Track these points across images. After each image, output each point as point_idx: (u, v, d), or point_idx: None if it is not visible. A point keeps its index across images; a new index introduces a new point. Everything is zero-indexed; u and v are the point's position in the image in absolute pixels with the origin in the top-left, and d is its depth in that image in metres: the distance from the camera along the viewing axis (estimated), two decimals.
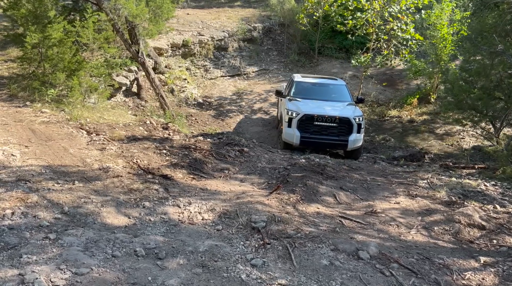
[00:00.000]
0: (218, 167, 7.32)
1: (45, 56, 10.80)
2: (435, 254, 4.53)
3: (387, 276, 3.97)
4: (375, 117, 16.98)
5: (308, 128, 10.37)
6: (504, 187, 7.65)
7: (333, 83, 13.47)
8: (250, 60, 19.83)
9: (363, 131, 11.18)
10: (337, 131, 10.49)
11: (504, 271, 4.28)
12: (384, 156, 13.08)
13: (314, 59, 20.82)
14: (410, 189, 6.80)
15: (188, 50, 17.99)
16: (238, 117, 15.84)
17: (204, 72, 18.44)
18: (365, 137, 15.38)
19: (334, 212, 5.60)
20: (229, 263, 3.81)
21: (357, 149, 11.09)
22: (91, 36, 11.61)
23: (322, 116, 10.37)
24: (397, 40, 16.51)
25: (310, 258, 4.12)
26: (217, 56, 19.02)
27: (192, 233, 4.49)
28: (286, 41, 21.19)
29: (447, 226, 5.29)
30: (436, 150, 13.95)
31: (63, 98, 10.05)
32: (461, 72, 11.11)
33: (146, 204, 5.09)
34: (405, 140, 15.10)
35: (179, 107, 15.31)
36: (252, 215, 4.93)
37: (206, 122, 14.86)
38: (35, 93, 10.00)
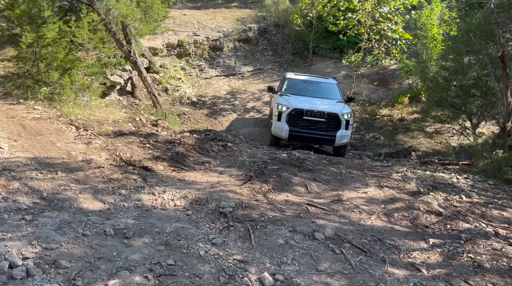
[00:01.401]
0: (199, 161, 7.64)
1: (39, 55, 11.14)
2: (388, 236, 4.84)
3: (337, 254, 4.28)
4: (367, 116, 17.26)
5: (297, 123, 10.62)
6: (475, 180, 7.92)
7: (324, 81, 13.81)
8: (245, 60, 20.15)
9: (351, 127, 11.47)
10: (325, 127, 10.75)
11: (450, 251, 4.57)
12: (371, 153, 13.39)
13: (308, 59, 21.15)
14: (382, 181, 7.09)
15: (183, 50, 18.31)
16: (231, 115, 16.16)
17: (199, 71, 18.76)
18: (356, 135, 15.71)
19: (302, 200, 5.90)
20: (191, 242, 4.12)
21: (344, 145, 11.34)
22: (86, 36, 11.96)
23: (311, 111, 10.63)
24: (387, 40, 16.80)
25: (268, 238, 4.43)
26: (212, 56, 19.35)
27: (162, 217, 4.80)
28: (281, 41, 21.51)
29: (406, 213, 5.60)
30: (424, 148, 14.23)
31: (55, 96, 10.37)
32: (441, 70, 11.37)
33: (122, 192, 5.42)
34: (394, 138, 15.38)
35: (172, 106, 15.64)
36: (222, 202, 5.25)
37: (199, 120, 15.18)
38: (28, 91, 10.33)
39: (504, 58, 8.30)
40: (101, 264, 3.58)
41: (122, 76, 14.66)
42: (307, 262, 4.07)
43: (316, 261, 4.11)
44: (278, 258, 4.07)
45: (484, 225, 5.38)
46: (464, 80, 10.31)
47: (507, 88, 8.44)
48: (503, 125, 8.69)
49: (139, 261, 3.68)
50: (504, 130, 8.68)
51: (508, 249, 4.64)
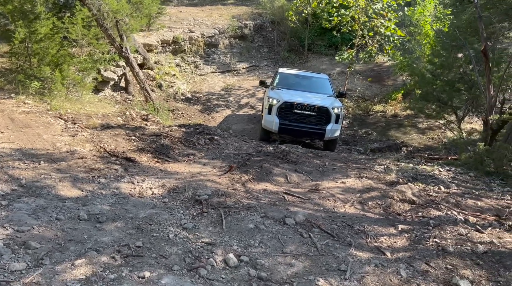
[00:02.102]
0: (184, 153, 7.76)
1: (31, 51, 11.27)
2: (358, 222, 4.95)
3: (305, 238, 4.39)
4: (360, 112, 17.36)
5: (288, 116, 10.69)
6: (457, 172, 8.03)
7: (316, 76, 13.85)
8: (240, 56, 20.27)
9: (341, 122, 11.50)
10: (315, 120, 10.81)
11: (417, 236, 4.68)
12: (361, 148, 13.50)
13: (303, 56, 21.25)
14: (363, 172, 7.19)
15: (179, 46, 18.44)
16: (225, 111, 16.27)
17: (194, 68, 18.87)
18: (348, 131, 15.82)
19: (280, 189, 6.01)
20: (162, 227, 4.24)
21: (334, 139, 11.40)
22: (80, 32, 12.12)
23: (301, 104, 10.70)
24: (380, 36, 16.90)
25: (240, 223, 4.55)
26: (208, 53, 19.47)
27: (138, 204, 4.93)
28: (276, 38, 21.61)
29: (380, 201, 5.71)
30: (416, 143, 14.34)
31: (46, 90, 10.50)
32: (429, 65, 11.47)
33: (102, 181, 5.54)
34: (387, 134, 15.49)
35: (166, 102, 15.75)
36: (199, 190, 5.37)
37: (192, 116, 15.29)
38: (19, 85, 10.46)
39: (487, 52, 8.39)
40: (71, 246, 3.70)
41: (116, 72, 14.78)
42: (274, 245, 4.19)
43: (283, 244, 4.22)
44: (246, 241, 4.19)
45: (455, 213, 5.48)
46: (450, 74, 10.39)
47: (489, 82, 8.53)
48: (486, 118, 8.78)
49: (109, 243, 3.81)
50: (486, 123, 8.77)
51: (473, 234, 4.75)
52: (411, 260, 4.09)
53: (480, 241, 4.58)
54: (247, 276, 3.58)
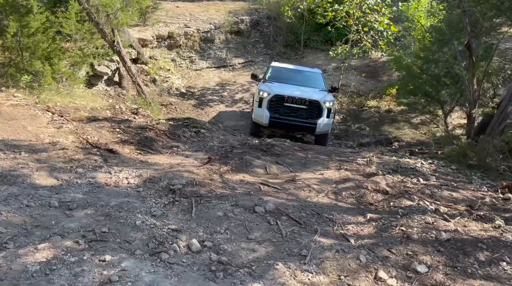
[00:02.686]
0: (168, 145, 7.85)
1: (23, 45, 11.37)
2: (328, 211, 5.03)
3: (272, 225, 4.47)
4: (354, 107, 17.41)
5: (278, 109, 10.63)
6: (439, 165, 8.09)
7: (308, 71, 13.80)
8: (236, 52, 20.32)
9: (333, 116, 11.42)
10: (306, 114, 10.73)
11: (384, 224, 4.76)
12: (352, 143, 13.57)
13: (299, 51, 21.30)
14: (343, 164, 7.26)
15: (174, 41, 18.50)
16: (218, 106, 16.35)
17: (189, 63, 18.94)
18: (341, 126, 15.88)
19: (257, 180, 6.09)
20: (131, 214, 4.32)
21: (325, 134, 11.31)
22: (73, 27, 12.21)
23: (292, 97, 10.64)
24: (374, 31, 16.93)
25: (209, 211, 4.63)
26: (204, 48, 19.52)
27: (112, 193, 5.02)
28: (273, 33, 21.66)
29: (354, 191, 5.79)
30: (408, 138, 14.39)
31: (36, 83, 10.60)
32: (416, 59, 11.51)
33: (79, 170, 5.63)
34: (380, 129, 15.55)
35: (160, 96, 15.84)
36: (174, 180, 5.45)
37: (185, 110, 15.37)
38: (9, 79, 10.57)
39: (471, 46, 8.43)
40: (37, 231, 3.80)
41: (110, 67, 14.86)
42: (240, 231, 4.27)
43: (249, 230, 4.31)
44: (212, 228, 4.27)
45: (428, 203, 5.55)
46: (436, 68, 10.44)
47: (473, 76, 8.57)
48: (469, 112, 8.83)
49: (75, 228, 3.90)
50: (470, 117, 8.82)
51: (440, 223, 4.82)
52: (373, 246, 4.17)
53: (445, 229, 4.65)
54: (208, 261, 3.67)
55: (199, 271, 3.50)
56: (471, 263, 4.01)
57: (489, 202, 5.96)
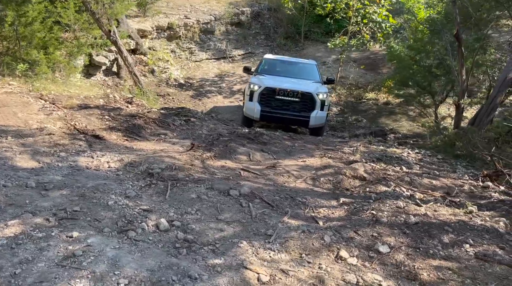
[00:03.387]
0: (156, 132, 7.95)
1: (20, 34, 11.51)
2: (302, 195, 5.12)
3: (243, 207, 4.57)
4: (352, 99, 17.42)
5: (269, 102, 10.34)
6: (425, 155, 8.14)
7: (302, 62, 13.54)
8: (237, 43, 20.37)
9: (327, 109, 11.10)
10: (299, 107, 10.41)
11: (355, 208, 4.84)
12: (346, 134, 13.60)
13: (300, 43, 21.31)
14: (328, 153, 7.34)
15: (174, 32, 18.57)
16: (216, 97, 16.43)
17: (189, 54, 19.01)
18: (338, 118, 15.91)
19: (239, 166, 6.19)
20: (105, 195, 4.44)
21: (320, 127, 11.03)
22: (72, 17, 12.36)
23: (284, 89, 10.33)
24: (373, 23, 16.91)
25: (184, 193, 4.74)
26: (203, 39, 19.58)
27: (91, 175, 5.13)
28: (273, 25, 21.67)
29: (332, 177, 5.86)
30: (405, 130, 14.41)
31: (31, 72, 10.74)
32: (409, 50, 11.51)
33: (62, 154, 5.75)
34: (377, 121, 15.55)
35: (158, 87, 15.95)
36: (154, 164, 5.56)
37: (183, 101, 15.47)
38: (5, 67, 10.72)
39: (460, 36, 8.43)
40: (10, 209, 3.91)
41: (108, 57, 14.98)
42: (210, 212, 4.38)
43: (220, 212, 4.41)
44: (184, 209, 4.38)
45: (404, 189, 5.62)
46: (428, 59, 10.42)
47: (462, 66, 8.58)
48: (457, 102, 8.85)
49: (47, 207, 4.01)
50: (458, 107, 8.84)
51: (411, 207, 4.89)
52: (341, 228, 4.25)
53: (415, 214, 4.72)
54: (174, 239, 3.77)
55: (164, 248, 3.60)
56: (434, 244, 4.08)
57: (467, 190, 6.02)
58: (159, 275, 3.15)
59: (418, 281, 3.52)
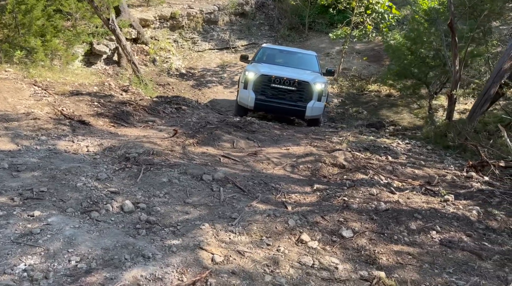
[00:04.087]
0: (144, 119, 7.99)
1: (19, 22, 11.61)
2: (277, 181, 5.11)
3: (214, 191, 4.58)
4: (354, 91, 17.30)
5: (265, 91, 9.96)
6: (415, 145, 8.08)
7: (301, 52, 13.12)
8: (240, 34, 20.31)
9: (324, 99, 10.65)
10: (295, 97, 10.01)
11: (328, 194, 4.83)
12: (345, 125, 13.52)
13: (304, 34, 21.19)
14: (315, 142, 7.32)
15: (176, 22, 18.56)
16: (216, 87, 16.43)
17: (192, 44, 19.02)
18: (339, 110, 15.82)
19: (220, 152, 6.19)
20: (76, 177, 4.47)
21: (316, 118, 10.68)
22: (73, 5, 12.44)
23: (280, 77, 9.92)
24: (376, 14, 16.75)
25: (156, 177, 4.76)
26: (206, 29, 19.55)
27: (68, 158, 5.17)
28: (277, 15, 21.56)
29: (311, 165, 5.84)
30: (406, 123, 14.28)
31: (28, 59, 10.83)
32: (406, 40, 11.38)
33: (42, 138, 5.81)
34: (378, 113, 15.43)
35: (158, 76, 15.98)
36: (132, 149, 5.59)
37: (182, 90, 15.48)
38: (2, 54, 10.82)
39: (453, 26, 8.31)
40: None
41: (109, 46, 15.04)
42: (179, 196, 4.39)
43: (188, 195, 4.42)
44: (152, 192, 4.40)
45: (383, 177, 5.59)
46: (423, 49, 10.28)
47: (455, 56, 8.46)
48: (450, 93, 8.74)
49: (15, 187, 4.06)
50: (450, 98, 8.74)
51: (383, 195, 4.87)
52: (308, 213, 4.24)
53: (387, 201, 4.70)
54: (137, 220, 3.79)
55: (124, 228, 3.63)
56: (400, 230, 4.06)
57: (449, 179, 5.97)
58: (112, 253, 3.17)
59: (376, 265, 3.51)
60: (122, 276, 2.92)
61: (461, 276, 3.42)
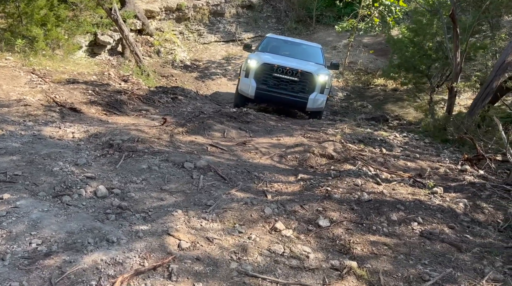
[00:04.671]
0: (138, 108, 7.93)
1: (21, 10, 11.64)
2: (261, 170, 5.01)
3: (193, 179, 4.50)
4: (360, 85, 17.12)
5: (266, 80, 9.68)
6: (413, 138, 7.93)
7: (306, 44, 12.86)
8: (247, 26, 20.18)
9: (327, 92, 10.36)
10: (297, 87, 9.72)
11: (311, 184, 4.72)
12: (347, 119, 13.35)
13: (311, 27, 21.00)
14: (309, 133, 7.20)
15: (182, 14, 18.49)
16: (220, 79, 16.33)
17: (197, 36, 18.95)
18: (344, 103, 15.63)
19: (208, 141, 6.11)
20: (54, 162, 4.42)
21: (318, 111, 10.39)
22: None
23: (282, 67, 9.64)
24: (383, 6, 16.51)
25: (136, 164, 4.69)
26: (213, 22, 19.46)
27: (51, 144, 5.13)
28: (285, 8, 21.38)
29: (299, 155, 5.73)
30: (411, 117, 14.06)
31: (27, 48, 10.84)
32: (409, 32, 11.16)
33: (29, 124, 5.78)
34: (382, 107, 15.22)
35: (162, 68, 15.92)
36: (117, 136, 5.53)
37: (186, 82, 15.41)
38: (3, 43, 10.85)
39: (455, 17, 8.09)
40: None
41: (113, 37, 15.00)
42: (156, 182, 4.32)
43: (166, 182, 4.35)
44: (130, 178, 4.34)
45: (372, 169, 5.46)
46: (425, 41, 10.05)
47: (457, 48, 8.26)
48: (450, 85, 8.54)
49: None
50: (451, 91, 8.54)
51: (368, 185, 4.75)
52: (288, 202, 4.15)
53: (371, 191, 4.58)
54: (108, 205, 3.73)
55: (94, 213, 3.57)
56: (380, 221, 3.95)
57: (442, 172, 5.82)
58: (76, 237, 3.11)
59: (350, 254, 3.41)
60: (81, 259, 2.86)
61: (436, 267, 3.30)
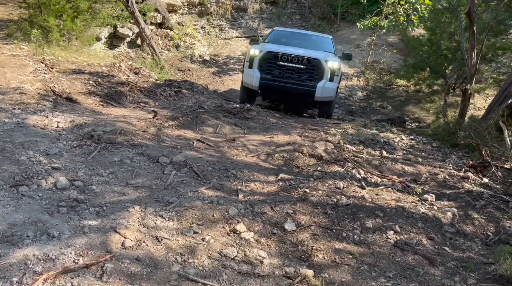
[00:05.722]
0: (138, 100, 7.84)
1: (40, 1, 11.80)
2: (240, 168, 4.79)
3: (164, 174, 4.33)
4: (381, 85, 16.66)
5: (271, 70, 9.06)
6: (421, 141, 7.55)
7: (316, 35, 12.18)
8: (269, 22, 19.94)
9: (337, 80, 9.45)
10: (304, 76, 9.02)
11: (291, 185, 4.47)
12: (362, 119, 12.95)
13: (335, 24, 20.59)
14: (307, 132, 6.93)
15: (205, 9, 18.42)
16: (238, 75, 16.14)
17: (219, 31, 18.85)
18: (363, 103, 15.21)
19: (197, 136, 5.93)
20: (24, 150, 4.34)
21: (328, 101, 9.50)
22: None
23: (287, 54, 9.00)
24: (408, 4, 15.98)
25: (109, 156, 4.56)
26: (235, 17, 19.31)
27: (31, 133, 5.06)
28: (309, 4, 21.04)
29: (287, 154, 5.47)
30: (431, 120, 13.56)
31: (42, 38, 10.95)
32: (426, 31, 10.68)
33: (16, 112, 5.74)
34: (403, 109, 14.76)
35: (180, 62, 15.88)
36: (100, 127, 5.42)
37: (202, 77, 15.31)
38: (20, 32, 10.99)
39: (472, 15, 7.63)
40: None
41: (132, 29, 15.05)
42: (123, 176, 4.17)
43: (134, 177, 4.20)
44: (97, 170, 4.20)
45: (362, 172, 5.16)
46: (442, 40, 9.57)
47: (472, 48, 7.79)
48: (464, 87, 8.09)
49: None
50: (464, 93, 8.08)
51: (350, 189, 4.46)
52: (258, 203, 3.92)
53: (352, 196, 4.30)
54: (65, 197, 3.61)
55: (46, 205, 3.45)
56: (353, 228, 3.68)
57: (440, 178, 5.46)
58: (16, 229, 2.99)
59: (309, 262, 3.16)
60: (13, 253, 2.73)
61: (400, 281, 3.02)
